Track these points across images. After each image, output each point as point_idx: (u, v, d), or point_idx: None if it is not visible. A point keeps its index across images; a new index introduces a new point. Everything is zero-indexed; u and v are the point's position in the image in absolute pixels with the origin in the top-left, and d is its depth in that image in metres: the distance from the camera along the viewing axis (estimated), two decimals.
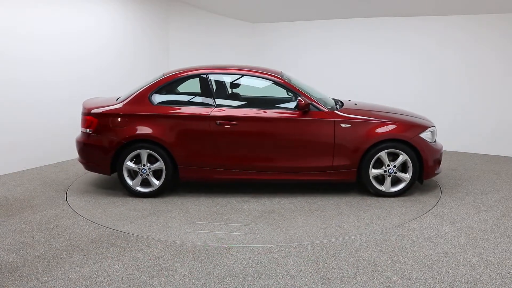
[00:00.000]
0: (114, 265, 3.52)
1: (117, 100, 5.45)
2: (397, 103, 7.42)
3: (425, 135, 5.19)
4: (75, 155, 6.90)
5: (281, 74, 5.70)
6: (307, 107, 5.05)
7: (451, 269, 3.44)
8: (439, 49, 7.74)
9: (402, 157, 5.09)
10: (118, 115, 5.16)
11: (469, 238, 4.05)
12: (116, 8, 7.39)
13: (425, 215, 4.65)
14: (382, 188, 5.19)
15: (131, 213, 4.73)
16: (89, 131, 5.24)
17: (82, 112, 5.41)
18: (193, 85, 5.49)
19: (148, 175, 5.17)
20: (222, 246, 3.87)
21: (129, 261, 3.60)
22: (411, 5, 7.56)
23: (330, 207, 4.91)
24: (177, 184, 5.66)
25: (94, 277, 3.33)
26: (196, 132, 5.08)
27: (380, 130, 5.10)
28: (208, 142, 5.08)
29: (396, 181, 5.24)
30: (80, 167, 6.45)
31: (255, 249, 3.81)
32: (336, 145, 5.07)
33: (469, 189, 5.55)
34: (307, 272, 3.40)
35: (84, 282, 3.25)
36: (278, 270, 3.44)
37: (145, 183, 5.22)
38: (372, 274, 3.37)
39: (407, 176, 5.15)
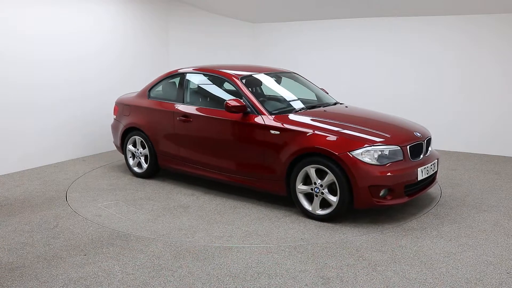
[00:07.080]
0: (114, 265, 3.52)
1: None
2: (397, 103, 7.42)
3: (360, 153, 4.21)
4: (75, 155, 7.02)
5: (291, 75, 5.96)
6: (239, 109, 4.81)
7: (451, 269, 3.45)
8: (439, 49, 7.73)
9: (329, 176, 4.28)
10: (127, 105, 6.12)
11: (469, 238, 4.05)
12: (116, 8, 7.39)
13: (425, 215, 4.64)
14: (309, 208, 4.48)
15: (102, 186, 5.64)
16: (114, 117, 6.36)
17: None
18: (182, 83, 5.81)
19: (140, 158, 5.96)
20: (222, 246, 3.87)
21: (129, 261, 3.60)
22: (411, 5, 7.56)
23: (240, 215, 4.61)
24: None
25: (94, 277, 3.33)
26: (166, 125, 5.60)
27: (306, 141, 4.42)
28: (174, 135, 5.53)
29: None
30: (80, 167, 6.52)
31: (255, 249, 3.82)
32: (265, 153, 4.74)
33: (469, 189, 5.55)
34: (307, 272, 3.40)
35: (84, 282, 3.25)
36: (278, 270, 3.44)
37: (141, 164, 6.00)
38: (372, 274, 3.37)
39: (333, 200, 4.32)
